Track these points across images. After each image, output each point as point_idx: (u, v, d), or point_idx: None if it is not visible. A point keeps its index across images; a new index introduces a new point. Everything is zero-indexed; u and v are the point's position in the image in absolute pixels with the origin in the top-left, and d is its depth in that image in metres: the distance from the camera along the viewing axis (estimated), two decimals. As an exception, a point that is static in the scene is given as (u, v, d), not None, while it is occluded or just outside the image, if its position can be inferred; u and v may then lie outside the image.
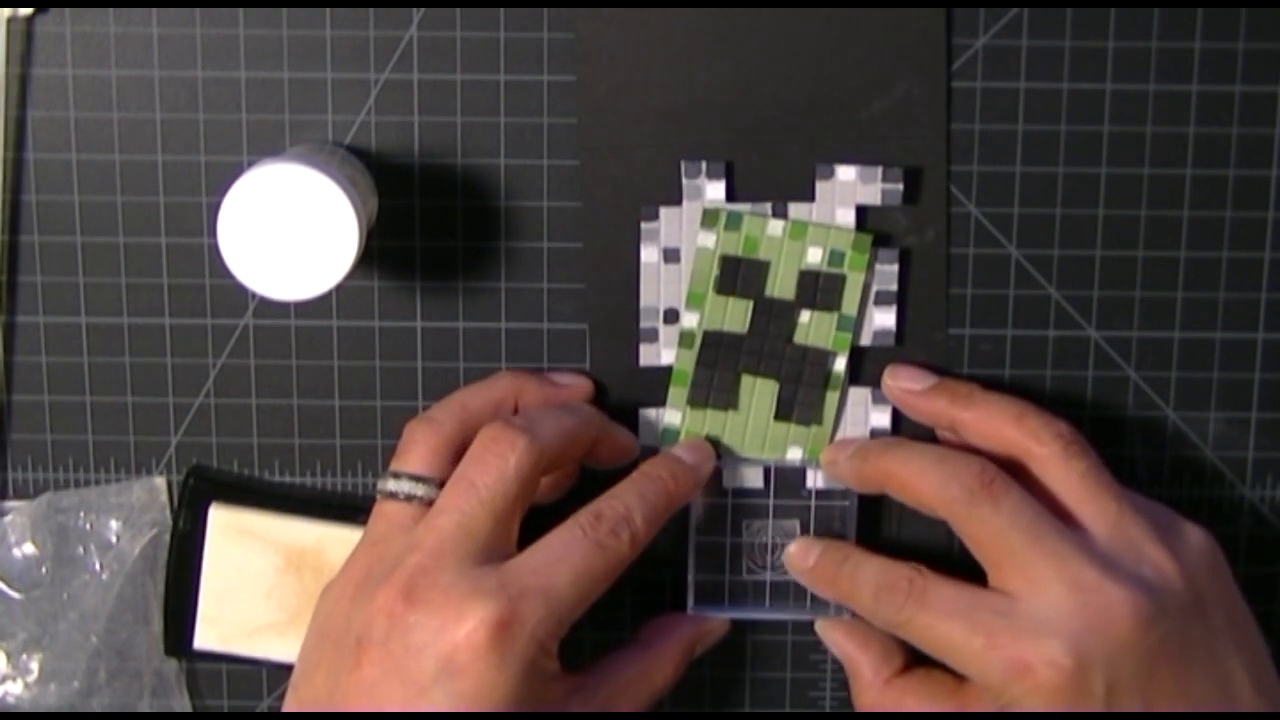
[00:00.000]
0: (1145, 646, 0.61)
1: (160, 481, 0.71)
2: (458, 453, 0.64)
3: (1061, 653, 0.60)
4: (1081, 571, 0.61)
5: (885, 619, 0.65)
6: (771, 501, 0.71)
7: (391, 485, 0.65)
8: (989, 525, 0.63)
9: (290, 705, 0.63)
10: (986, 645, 0.61)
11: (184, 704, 0.73)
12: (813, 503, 0.71)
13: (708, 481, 0.69)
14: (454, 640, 0.60)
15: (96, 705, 0.72)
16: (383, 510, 0.65)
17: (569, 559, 0.62)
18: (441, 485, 0.64)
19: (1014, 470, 0.65)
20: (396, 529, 0.63)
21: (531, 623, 0.60)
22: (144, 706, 0.72)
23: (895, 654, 0.68)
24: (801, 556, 0.69)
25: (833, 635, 0.69)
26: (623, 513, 0.64)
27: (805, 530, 0.71)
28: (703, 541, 0.71)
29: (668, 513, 0.66)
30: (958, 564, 0.66)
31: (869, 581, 0.65)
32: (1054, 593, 0.61)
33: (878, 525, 0.71)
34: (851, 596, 0.67)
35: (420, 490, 0.64)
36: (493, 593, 0.60)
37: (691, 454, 0.68)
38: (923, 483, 0.65)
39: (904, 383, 0.69)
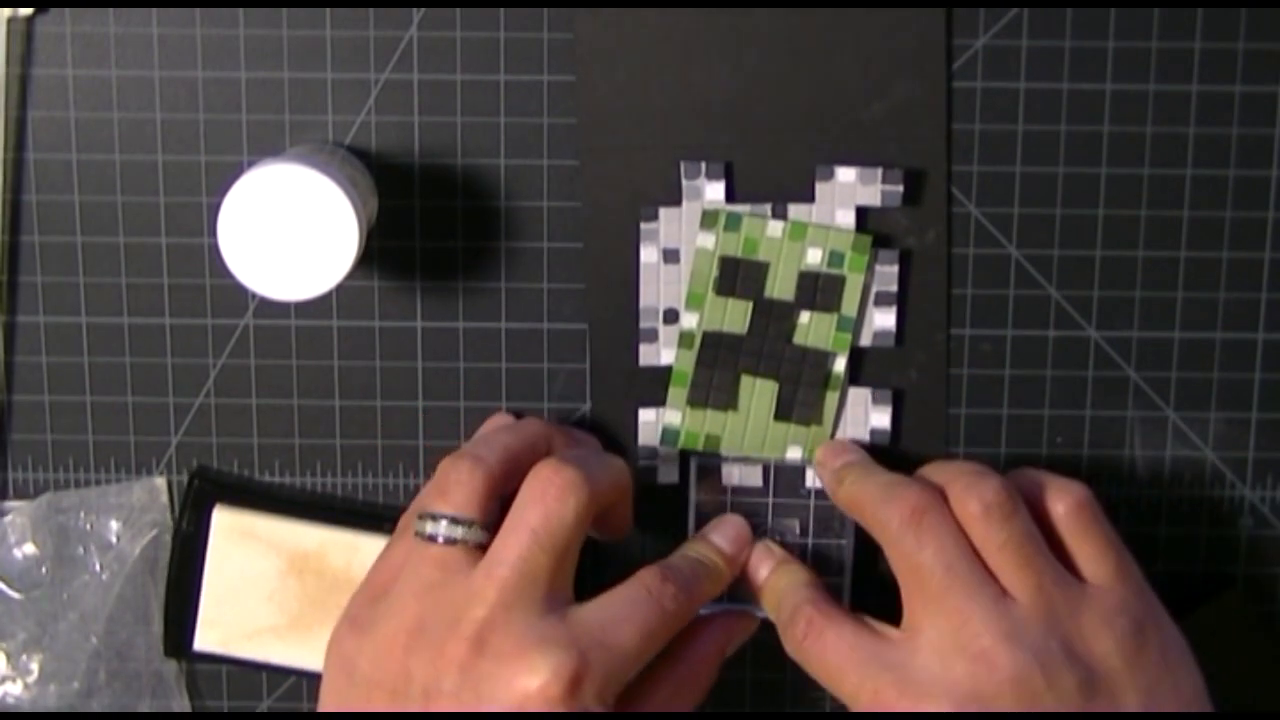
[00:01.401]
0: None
1: (160, 482, 0.71)
2: (500, 495, 0.63)
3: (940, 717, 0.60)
4: (979, 635, 0.61)
5: (785, 641, 0.65)
6: (771, 501, 0.71)
7: (430, 528, 0.62)
8: (910, 559, 0.62)
9: None
10: (873, 699, 0.61)
11: (183, 705, 0.73)
12: (812, 502, 0.71)
13: (708, 481, 0.70)
14: (527, 691, 0.59)
15: (96, 706, 0.72)
16: (427, 555, 0.62)
17: (634, 618, 0.61)
18: (484, 527, 0.62)
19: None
20: (450, 575, 0.61)
21: (601, 677, 0.60)
22: (143, 707, 0.72)
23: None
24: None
25: None
26: (686, 578, 0.64)
27: (804, 530, 0.71)
28: None
29: (715, 590, 0.66)
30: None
31: (773, 593, 0.66)
32: (948, 651, 0.61)
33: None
34: (763, 600, 0.68)
35: (461, 533, 0.62)
36: (564, 646, 0.59)
37: (730, 542, 0.68)
38: (865, 504, 0.65)
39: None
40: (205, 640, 0.71)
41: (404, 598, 0.62)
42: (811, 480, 0.71)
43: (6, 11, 0.67)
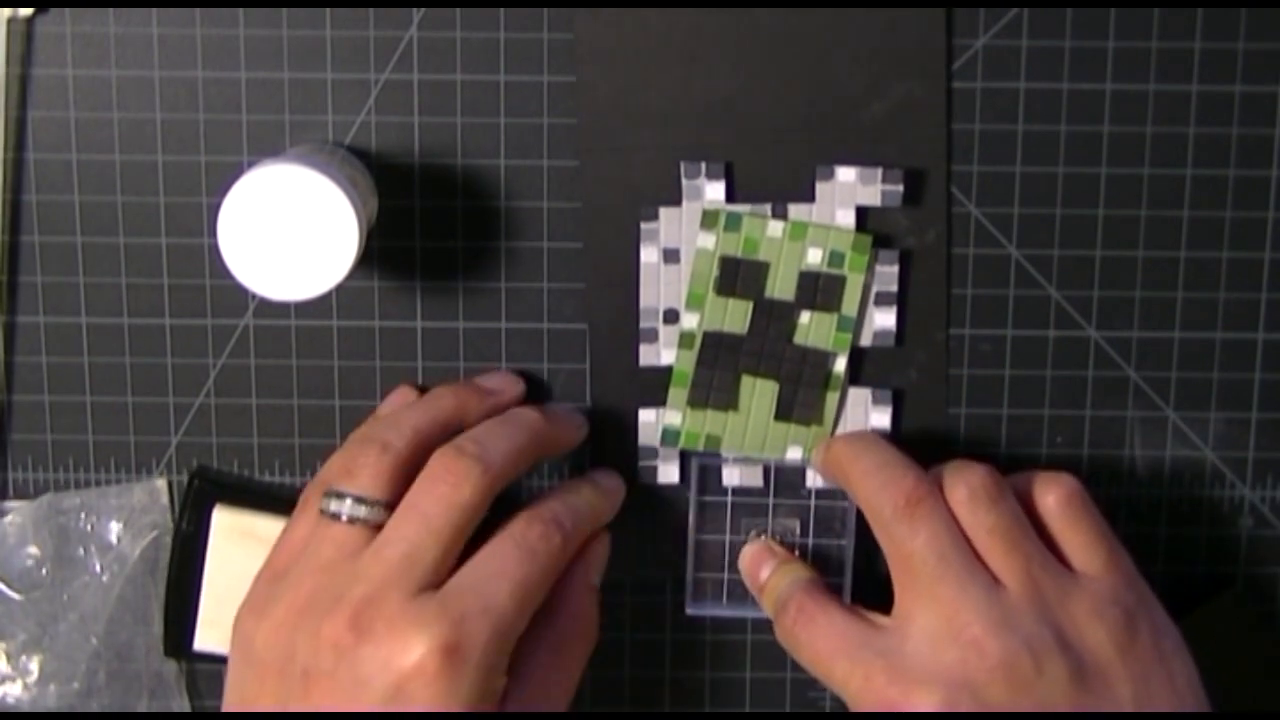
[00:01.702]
0: (1016, 709, 0.60)
1: (161, 483, 0.71)
2: (407, 476, 0.63)
3: (930, 704, 0.60)
4: (970, 624, 0.61)
5: (777, 628, 0.66)
6: (771, 501, 0.71)
7: (334, 506, 0.63)
8: (902, 547, 0.63)
9: None
10: (863, 685, 0.61)
11: (183, 705, 0.73)
12: (812, 502, 0.71)
13: (707, 480, 0.70)
14: (402, 670, 0.59)
15: (96, 706, 0.72)
16: (327, 533, 0.63)
17: (505, 572, 0.61)
18: (388, 507, 0.63)
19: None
20: (343, 556, 0.62)
21: (479, 645, 0.60)
22: (143, 708, 0.72)
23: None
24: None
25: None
26: (550, 517, 0.63)
27: (804, 530, 0.71)
28: (702, 540, 0.71)
29: (593, 524, 0.66)
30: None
31: (772, 593, 0.67)
32: (939, 638, 0.61)
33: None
34: (762, 601, 0.68)
35: (365, 513, 0.63)
36: (435, 619, 0.60)
37: (608, 478, 0.69)
38: (859, 483, 0.65)
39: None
40: (205, 640, 0.71)
41: (300, 576, 0.62)
42: (812, 480, 0.71)
43: (6, 11, 0.67)
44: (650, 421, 0.70)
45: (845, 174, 0.68)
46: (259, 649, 0.62)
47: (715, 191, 0.68)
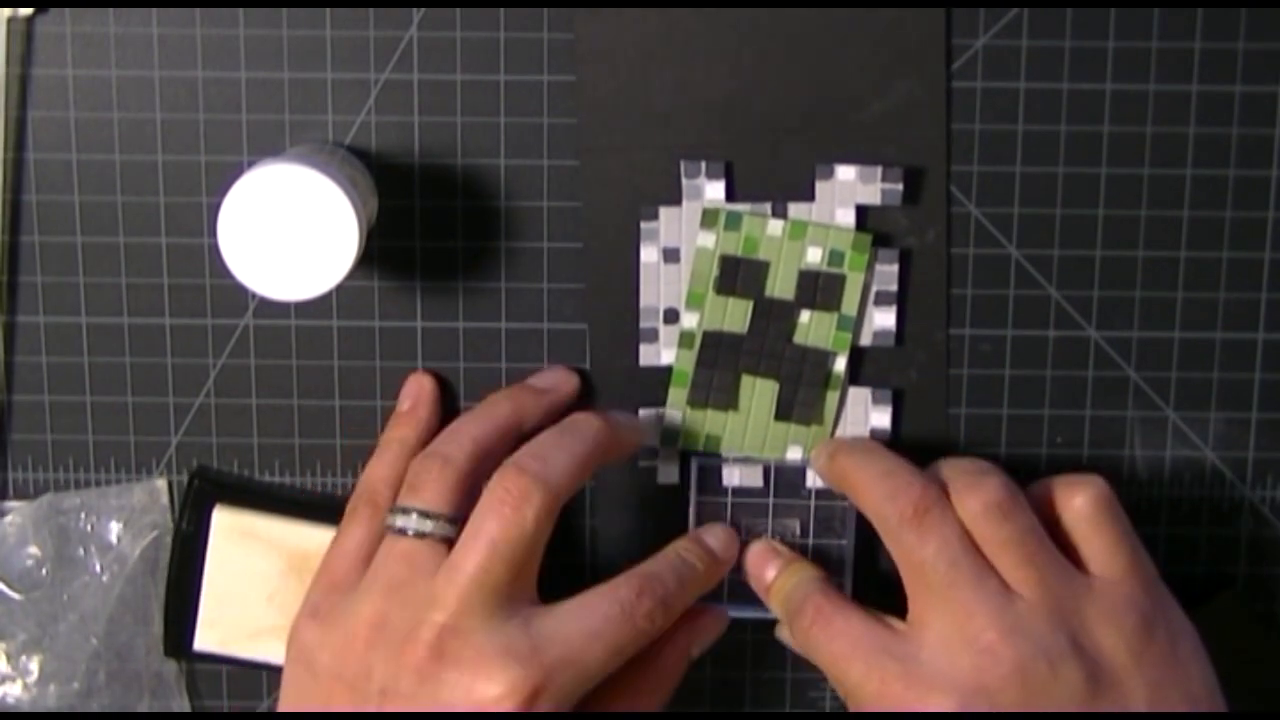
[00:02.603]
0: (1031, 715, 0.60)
1: (161, 483, 0.71)
2: (471, 488, 0.64)
3: (946, 709, 0.60)
4: (984, 630, 0.61)
5: (793, 631, 0.65)
6: (771, 501, 0.71)
7: (400, 521, 0.63)
8: (913, 555, 0.63)
9: None
10: (879, 689, 0.61)
11: (183, 705, 0.73)
12: (812, 502, 0.71)
13: (709, 482, 0.70)
14: (483, 700, 0.60)
15: (96, 706, 0.72)
16: (395, 549, 0.63)
17: (604, 635, 0.62)
18: (452, 521, 0.63)
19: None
20: (414, 574, 0.62)
21: (561, 695, 0.61)
22: (143, 708, 0.72)
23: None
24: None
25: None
26: (662, 594, 0.63)
27: (805, 530, 0.71)
28: None
29: (692, 600, 0.66)
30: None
31: (781, 593, 0.67)
32: (954, 645, 0.61)
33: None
34: (770, 601, 0.68)
35: (432, 527, 0.63)
36: (526, 659, 0.60)
37: (723, 548, 0.68)
38: (865, 493, 0.65)
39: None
40: (205, 640, 0.71)
41: (370, 592, 0.63)
42: (812, 480, 0.71)
43: (6, 11, 0.67)
44: (650, 422, 0.70)
45: (845, 173, 0.68)
46: (327, 661, 0.62)
47: (715, 191, 0.68)
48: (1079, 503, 0.64)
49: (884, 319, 0.69)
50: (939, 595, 0.62)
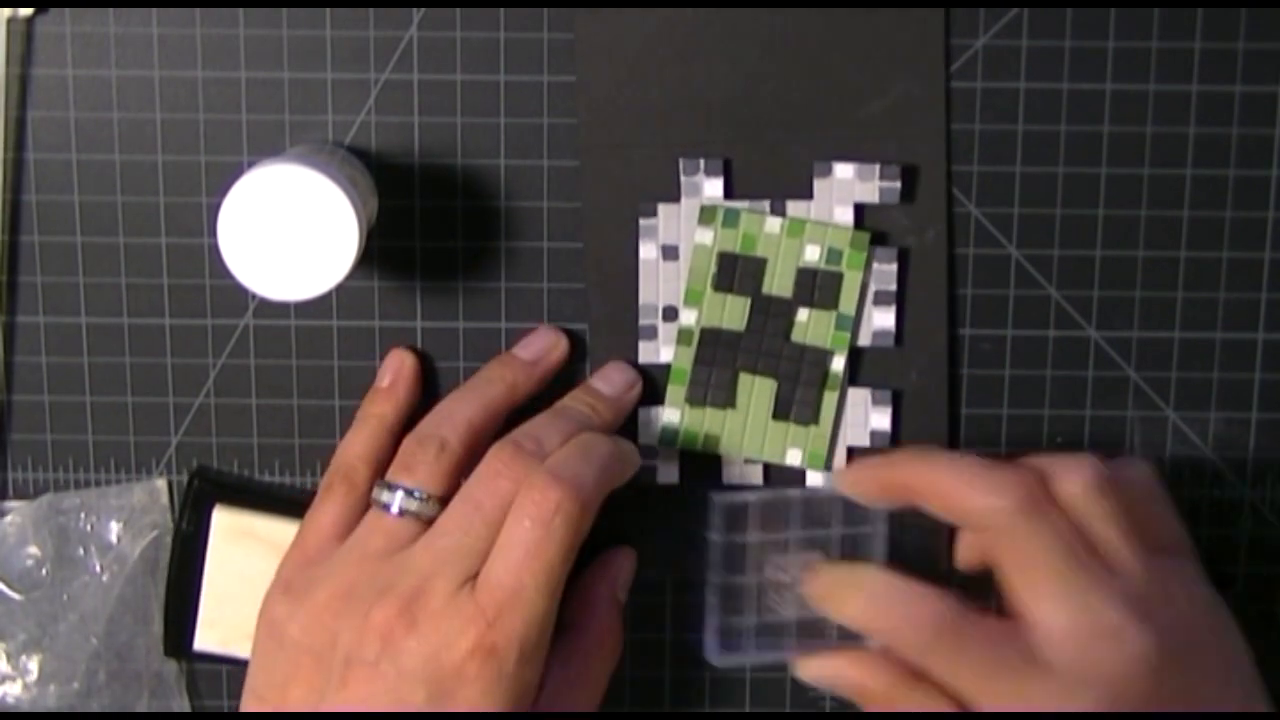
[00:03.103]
0: (1159, 695, 0.60)
1: (161, 484, 0.71)
2: (463, 472, 0.64)
3: (1089, 704, 0.59)
4: (1105, 614, 0.60)
5: (909, 653, 0.62)
6: (790, 535, 0.70)
7: (386, 497, 0.64)
8: (1030, 543, 0.61)
9: (253, 708, 0.63)
10: (1014, 698, 0.60)
11: (183, 705, 0.73)
12: (836, 531, 0.70)
13: (734, 519, 0.68)
14: (442, 666, 0.60)
15: (96, 706, 0.72)
16: (378, 524, 0.64)
17: (530, 559, 0.61)
18: (440, 501, 0.63)
19: None
20: (392, 547, 0.63)
21: (515, 641, 0.60)
22: (143, 708, 0.72)
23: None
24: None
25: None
26: (576, 473, 0.62)
27: (832, 552, 0.69)
28: (730, 583, 0.68)
29: (618, 475, 0.65)
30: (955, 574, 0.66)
31: (893, 611, 0.62)
32: (1083, 635, 0.60)
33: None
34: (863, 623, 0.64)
35: (418, 507, 0.63)
36: (473, 618, 0.60)
37: (609, 384, 0.69)
38: (967, 490, 0.62)
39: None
40: (205, 640, 0.71)
41: (345, 563, 0.63)
42: (812, 480, 0.70)
43: (6, 11, 0.67)
44: (649, 421, 0.70)
45: (843, 170, 0.68)
46: (295, 633, 0.62)
47: (714, 188, 0.68)
48: (1071, 491, 0.62)
49: (883, 319, 0.69)
50: (1059, 580, 0.60)
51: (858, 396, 0.70)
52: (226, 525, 0.71)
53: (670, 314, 0.69)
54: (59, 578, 0.72)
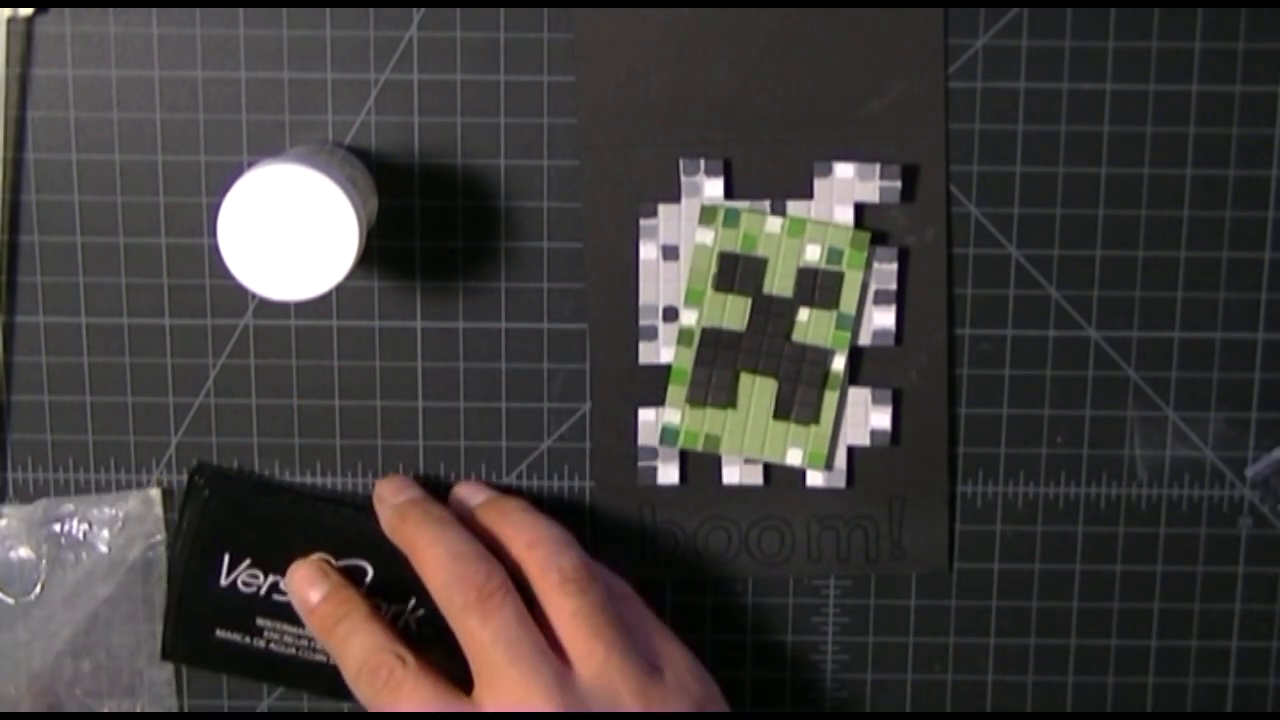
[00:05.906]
0: None
1: (155, 493, 0.71)
2: None
3: None
4: (540, 707, 0.62)
5: (362, 695, 0.65)
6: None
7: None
8: (475, 638, 0.63)
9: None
10: None
11: (180, 707, 0.73)
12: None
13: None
14: None
15: (95, 707, 0.72)
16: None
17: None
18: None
19: None
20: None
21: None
22: (141, 708, 0.72)
23: None
24: (305, 586, 0.68)
25: None
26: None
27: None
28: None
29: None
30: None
31: (356, 653, 0.66)
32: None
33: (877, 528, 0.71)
34: (339, 658, 0.67)
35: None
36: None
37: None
38: (432, 575, 0.65)
39: (460, 494, 0.70)
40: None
41: None
42: (813, 480, 0.70)
43: (6, 11, 0.67)
44: (650, 421, 0.70)
45: (843, 170, 0.68)
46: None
47: (714, 188, 0.68)
48: (565, 607, 0.64)
49: (883, 318, 0.69)
50: (501, 673, 0.63)
51: (858, 396, 0.70)
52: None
53: (671, 314, 0.69)
54: (53, 582, 0.72)
